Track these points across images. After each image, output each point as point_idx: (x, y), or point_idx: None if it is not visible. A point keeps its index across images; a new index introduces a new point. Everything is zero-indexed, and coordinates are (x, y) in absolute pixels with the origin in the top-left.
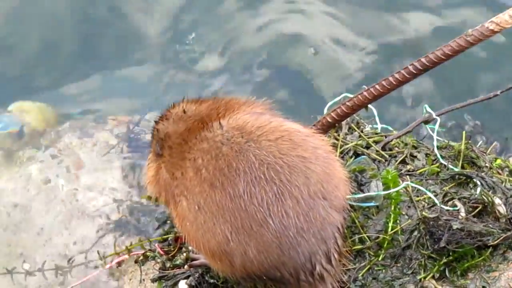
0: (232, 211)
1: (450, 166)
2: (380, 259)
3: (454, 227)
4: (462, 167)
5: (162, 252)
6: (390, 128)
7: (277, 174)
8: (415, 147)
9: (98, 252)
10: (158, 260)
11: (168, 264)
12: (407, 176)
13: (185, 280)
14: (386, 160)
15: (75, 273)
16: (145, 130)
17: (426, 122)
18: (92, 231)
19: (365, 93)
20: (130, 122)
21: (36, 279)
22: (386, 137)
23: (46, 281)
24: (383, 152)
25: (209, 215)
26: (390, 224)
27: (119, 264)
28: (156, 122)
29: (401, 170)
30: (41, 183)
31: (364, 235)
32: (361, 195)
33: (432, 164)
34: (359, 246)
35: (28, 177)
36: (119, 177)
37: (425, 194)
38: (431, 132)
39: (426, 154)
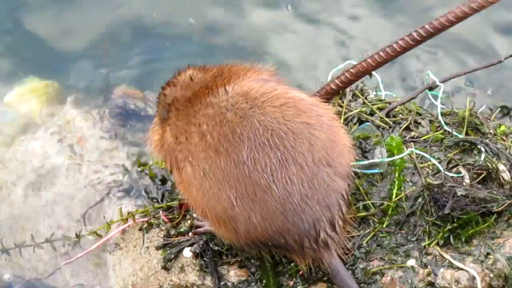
0: (237, 177)
1: (454, 133)
2: (384, 226)
3: (459, 193)
4: (466, 134)
5: (166, 220)
6: (394, 95)
7: (281, 140)
8: (419, 114)
9: (104, 217)
10: (163, 228)
11: (172, 232)
12: (411, 143)
13: (189, 248)
14: (390, 127)
15: (82, 243)
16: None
17: (430, 88)
18: (96, 201)
19: (369, 60)
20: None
21: (43, 251)
22: (390, 104)
23: (54, 252)
24: (387, 119)
25: (214, 181)
26: (395, 191)
27: (123, 231)
28: (163, 88)
29: (405, 136)
30: (44, 157)
31: (369, 202)
32: (365, 162)
33: (436, 131)
34: (364, 213)
35: (32, 151)
36: (123, 148)
37: (429, 160)
38: (433, 101)
39: (430, 121)
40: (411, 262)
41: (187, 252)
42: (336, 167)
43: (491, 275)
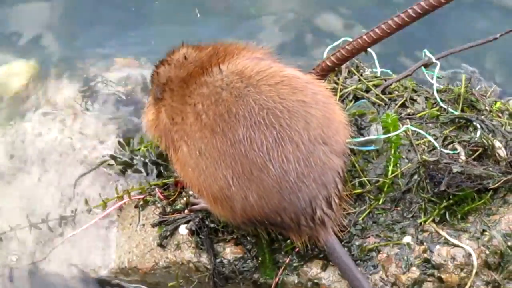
0: (233, 156)
1: (450, 110)
2: (380, 203)
3: (454, 170)
4: (462, 111)
5: (162, 197)
6: (390, 72)
7: (277, 118)
8: (414, 91)
9: (100, 195)
10: (158, 205)
11: (168, 209)
12: (407, 120)
13: (185, 225)
14: (385, 104)
15: (78, 221)
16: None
17: (426, 66)
18: (92, 179)
19: (364, 36)
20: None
21: (38, 231)
22: (385, 80)
23: (49, 229)
24: (382, 96)
25: (211, 161)
26: (390, 168)
27: (119, 209)
28: (157, 66)
29: (401, 113)
30: (37, 135)
31: (364, 179)
32: (361, 138)
33: (432, 108)
34: (359, 190)
35: (24, 130)
36: (118, 124)
37: (425, 137)
38: (429, 78)
39: (426, 98)
40: (407, 239)
41: (183, 230)
42: (332, 144)
43: (487, 252)
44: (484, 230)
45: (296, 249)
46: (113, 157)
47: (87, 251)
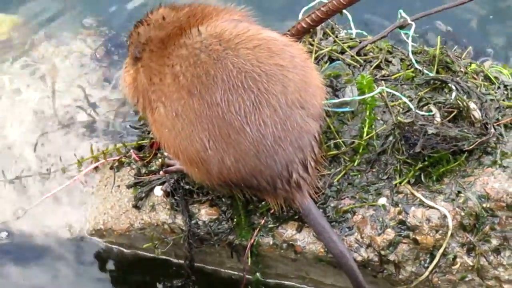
0: (210, 118)
1: (425, 71)
2: (355, 164)
3: (429, 132)
4: (437, 72)
5: (137, 158)
6: (365, 34)
7: (255, 82)
8: (390, 52)
9: (75, 155)
10: (133, 166)
11: (143, 170)
12: (382, 81)
13: (160, 186)
14: (361, 65)
15: (53, 180)
16: (122, 38)
17: (401, 27)
18: (68, 139)
19: None
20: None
21: (12, 187)
22: (360, 42)
23: (24, 189)
24: (358, 57)
25: (187, 122)
26: (365, 129)
27: (95, 170)
28: (136, 26)
29: (376, 75)
30: (13, 92)
31: (339, 140)
32: (336, 100)
33: (407, 69)
34: (334, 152)
35: (1, 86)
36: (95, 84)
37: (400, 99)
38: (405, 38)
39: (401, 59)
40: (382, 200)
41: (158, 191)
42: (309, 108)
43: (462, 214)
44: (459, 192)
45: (272, 211)
46: (89, 118)
47: (62, 212)
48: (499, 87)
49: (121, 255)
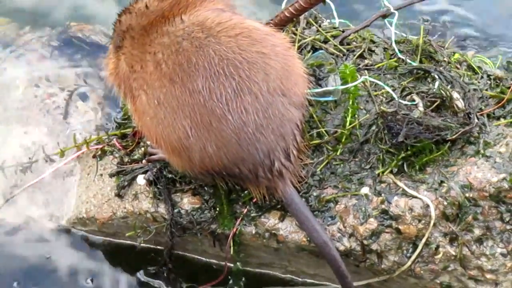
0: (192, 106)
1: (408, 61)
2: (338, 153)
3: (415, 116)
4: (420, 62)
5: (120, 147)
6: (348, 23)
7: (236, 69)
8: (373, 42)
9: (58, 144)
10: (116, 155)
11: (126, 159)
12: (365, 71)
13: (143, 175)
14: (344, 55)
15: (35, 168)
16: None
17: (384, 16)
18: (51, 127)
19: None
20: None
21: None
22: (344, 31)
23: (5, 179)
24: (341, 47)
25: (169, 110)
26: (348, 119)
27: (77, 158)
28: (119, 15)
29: (359, 64)
30: None
31: (322, 129)
32: (319, 89)
33: (390, 59)
34: (317, 141)
35: None
36: (80, 72)
37: (383, 88)
38: (389, 26)
39: (384, 49)
40: (364, 190)
41: (140, 180)
42: (290, 96)
43: (445, 203)
44: (442, 181)
45: (254, 200)
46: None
47: (45, 201)
48: (482, 77)
49: (102, 244)
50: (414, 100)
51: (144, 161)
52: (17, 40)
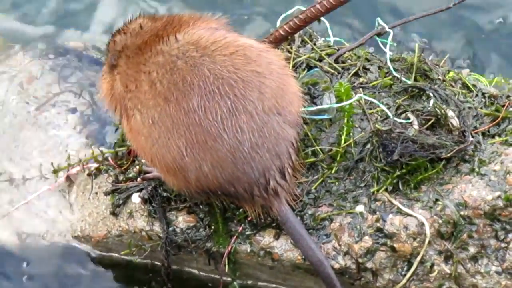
0: (187, 125)
1: (403, 79)
2: (333, 172)
3: (410, 134)
4: (415, 80)
5: (115, 165)
6: (343, 41)
7: (232, 88)
8: (368, 60)
9: (52, 165)
10: (111, 173)
11: (121, 177)
12: (360, 89)
13: (138, 193)
14: (339, 73)
15: (28, 186)
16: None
17: (379, 34)
18: (45, 144)
19: (317, 5)
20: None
21: None
22: (339, 49)
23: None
24: (336, 65)
25: (164, 130)
26: (343, 137)
27: (72, 177)
28: (113, 35)
29: (354, 82)
30: None
31: (317, 147)
32: (314, 107)
33: (385, 77)
34: (312, 159)
35: None
36: (73, 90)
37: (378, 106)
38: (382, 47)
39: (379, 67)
40: (359, 208)
41: (135, 198)
42: (285, 115)
43: (440, 221)
44: (437, 200)
45: (249, 218)
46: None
47: (39, 219)
48: (477, 95)
49: (99, 261)
50: (409, 118)
51: (139, 179)
52: (7, 59)
